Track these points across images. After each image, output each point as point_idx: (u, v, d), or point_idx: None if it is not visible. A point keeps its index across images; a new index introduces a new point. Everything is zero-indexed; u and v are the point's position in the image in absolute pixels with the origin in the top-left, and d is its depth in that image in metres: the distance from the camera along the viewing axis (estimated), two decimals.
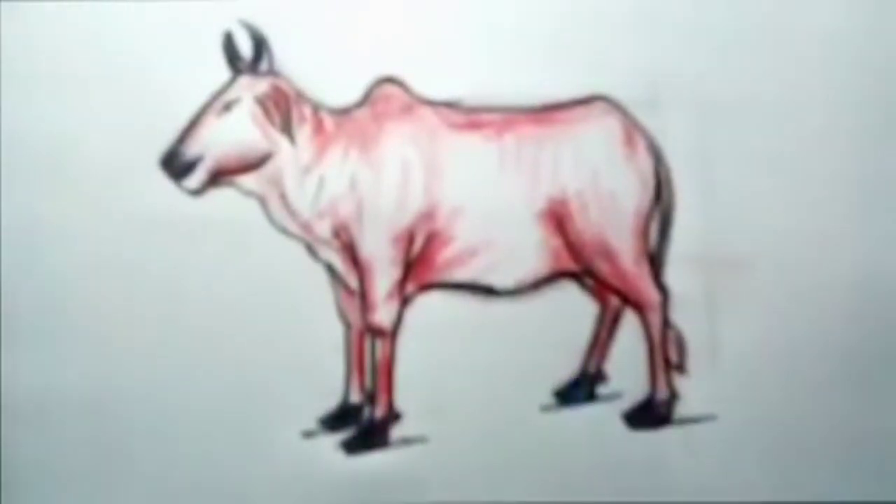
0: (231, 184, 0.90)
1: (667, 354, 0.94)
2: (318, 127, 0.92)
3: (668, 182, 0.94)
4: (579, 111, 0.94)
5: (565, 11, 0.93)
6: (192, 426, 0.91)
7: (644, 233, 0.95)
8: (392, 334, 0.92)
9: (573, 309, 0.95)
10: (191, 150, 0.89)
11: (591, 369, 0.95)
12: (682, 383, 0.94)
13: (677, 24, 0.93)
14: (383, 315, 0.93)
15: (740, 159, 0.93)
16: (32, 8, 0.89)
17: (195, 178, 0.89)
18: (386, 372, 0.93)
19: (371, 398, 0.93)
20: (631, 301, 0.95)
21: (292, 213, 0.91)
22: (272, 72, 0.90)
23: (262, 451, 0.92)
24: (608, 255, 0.94)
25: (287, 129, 0.91)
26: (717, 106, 0.93)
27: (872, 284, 0.94)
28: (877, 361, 0.94)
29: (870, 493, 0.93)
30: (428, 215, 0.92)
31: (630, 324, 0.95)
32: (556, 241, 0.93)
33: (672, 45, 0.93)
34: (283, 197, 0.91)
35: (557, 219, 0.93)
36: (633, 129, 0.94)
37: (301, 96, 0.91)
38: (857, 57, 0.94)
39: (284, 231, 0.91)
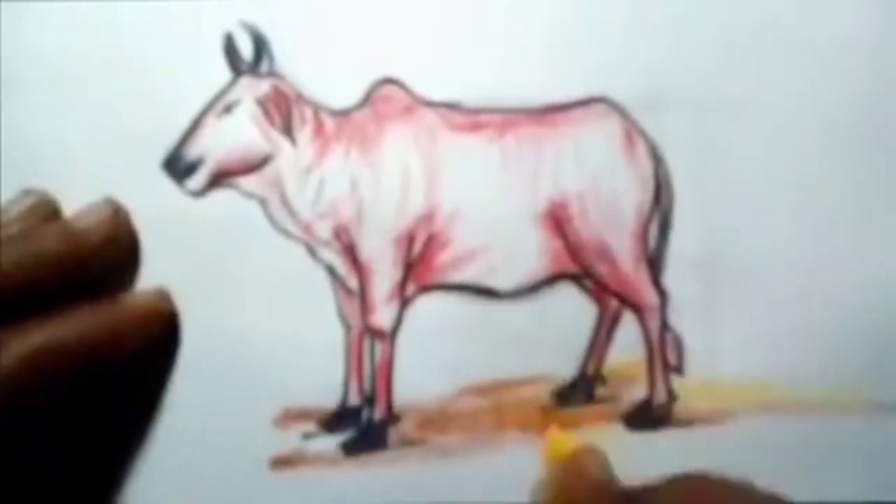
0: (232, 185, 0.90)
1: (665, 356, 0.95)
2: (319, 128, 0.91)
3: (668, 184, 0.94)
4: (579, 112, 0.93)
5: (566, 12, 0.93)
6: (190, 426, 0.91)
7: (643, 235, 0.94)
8: (392, 336, 0.93)
9: (572, 311, 0.94)
10: (192, 152, 0.88)
11: (590, 371, 0.95)
12: (680, 385, 0.95)
13: (677, 24, 0.93)
14: (383, 316, 0.92)
15: (740, 162, 0.93)
16: (32, 8, 0.89)
17: (197, 180, 0.89)
18: (385, 374, 0.92)
19: (370, 400, 0.93)
20: (630, 303, 0.94)
21: (293, 214, 0.91)
22: (273, 73, 0.90)
23: (260, 452, 0.92)
24: (607, 257, 0.94)
25: (288, 130, 0.90)
26: (718, 108, 0.93)
27: (873, 287, 0.94)
28: (877, 364, 0.94)
29: (871, 494, 0.94)
30: (429, 216, 0.92)
31: (629, 326, 0.95)
32: (557, 243, 0.93)
33: (672, 47, 0.93)
34: (283, 198, 0.90)
35: (557, 221, 0.93)
36: (633, 130, 0.93)
37: (301, 97, 0.90)
38: (860, 60, 0.93)
39: (285, 232, 0.91)
